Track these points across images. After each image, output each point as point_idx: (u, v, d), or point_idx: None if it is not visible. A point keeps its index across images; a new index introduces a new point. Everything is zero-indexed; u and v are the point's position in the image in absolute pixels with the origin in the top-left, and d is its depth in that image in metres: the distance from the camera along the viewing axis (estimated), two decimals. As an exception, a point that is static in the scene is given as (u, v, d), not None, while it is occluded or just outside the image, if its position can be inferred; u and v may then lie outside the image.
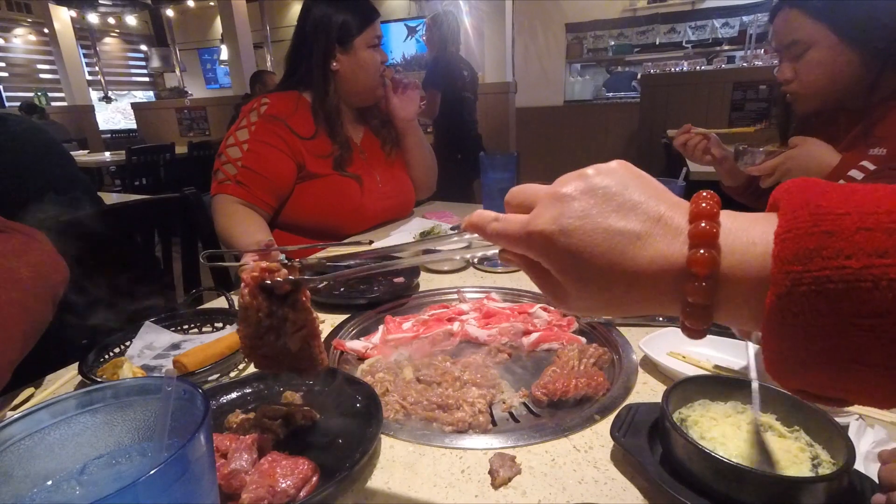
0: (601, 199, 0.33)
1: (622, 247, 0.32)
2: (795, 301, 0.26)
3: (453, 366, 0.70)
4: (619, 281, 0.32)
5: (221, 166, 1.30)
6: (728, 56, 5.58)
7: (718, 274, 0.29)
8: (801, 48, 1.04)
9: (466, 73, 3.38)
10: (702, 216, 0.30)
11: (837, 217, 0.26)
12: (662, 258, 0.31)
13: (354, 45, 1.36)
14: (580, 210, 0.33)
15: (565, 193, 0.34)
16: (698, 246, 0.30)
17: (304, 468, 0.48)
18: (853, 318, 0.25)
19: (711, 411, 0.53)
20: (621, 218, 0.32)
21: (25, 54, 8.14)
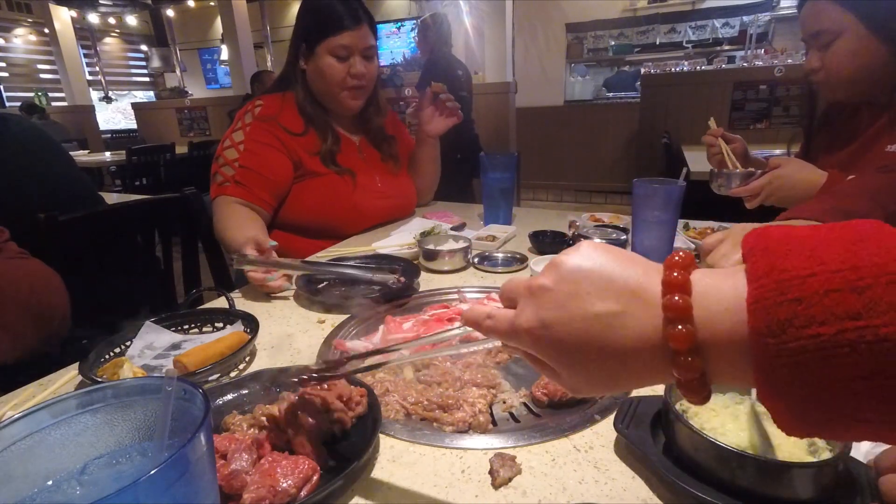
0: (574, 284, 0.33)
1: (603, 330, 0.32)
2: (778, 372, 0.26)
3: (453, 366, 0.70)
4: (605, 362, 0.32)
5: (219, 169, 1.30)
6: (728, 56, 5.57)
7: (699, 345, 0.29)
8: (829, 37, 1.02)
9: (461, 71, 3.39)
10: (674, 288, 0.30)
11: (803, 281, 0.25)
12: (644, 336, 0.31)
13: (317, 50, 1.35)
14: (556, 301, 0.33)
15: (541, 286, 0.35)
16: (674, 322, 0.29)
17: (305, 468, 0.48)
18: (838, 382, 0.24)
19: (711, 402, 0.54)
20: (597, 300, 0.32)
21: (26, 54, 8.14)
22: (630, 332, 0.31)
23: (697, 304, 0.29)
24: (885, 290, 0.24)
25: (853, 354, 0.24)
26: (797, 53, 4.02)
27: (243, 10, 5.86)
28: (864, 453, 0.49)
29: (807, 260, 0.26)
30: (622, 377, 0.33)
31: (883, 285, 0.24)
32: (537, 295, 0.35)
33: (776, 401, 0.27)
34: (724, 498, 0.43)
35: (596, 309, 0.32)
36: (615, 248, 0.35)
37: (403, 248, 1.20)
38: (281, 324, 0.90)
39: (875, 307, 0.24)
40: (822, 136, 1.26)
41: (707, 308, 0.29)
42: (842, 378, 0.24)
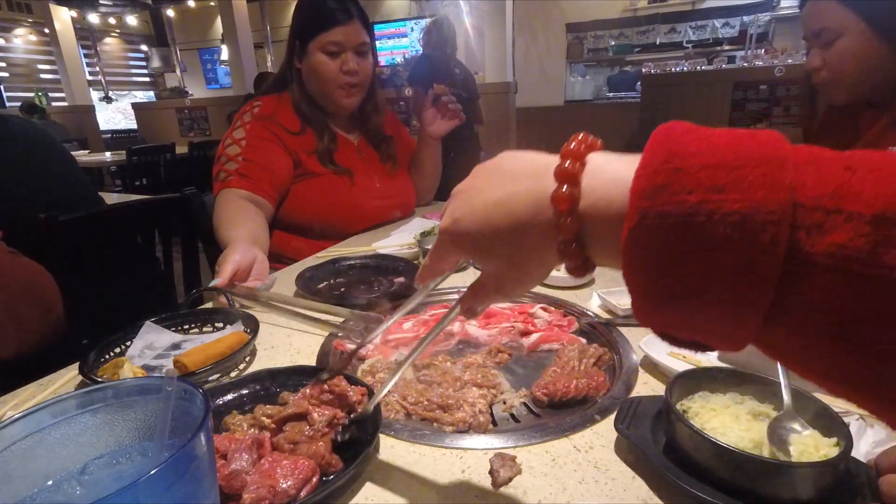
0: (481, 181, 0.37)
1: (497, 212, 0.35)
2: (643, 234, 0.27)
3: (453, 366, 0.70)
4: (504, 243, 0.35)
5: (222, 167, 1.30)
6: (728, 56, 5.58)
7: (581, 210, 0.31)
8: (831, 36, 1.02)
9: (458, 70, 3.39)
10: (567, 156, 0.32)
11: (689, 155, 0.27)
12: (534, 201, 0.33)
13: (309, 48, 1.34)
14: (464, 198, 0.38)
15: (453, 193, 0.39)
16: (560, 183, 0.31)
17: (305, 468, 0.48)
18: (689, 251, 0.26)
19: (711, 402, 0.54)
20: (498, 189, 0.36)
21: (26, 54, 8.15)
22: (522, 200, 0.34)
23: (588, 173, 0.31)
24: (750, 172, 0.25)
25: (707, 224, 0.25)
26: (797, 53, 4.02)
27: (243, 10, 5.86)
28: (864, 453, 0.49)
29: (699, 143, 0.27)
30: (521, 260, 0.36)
31: (751, 167, 0.25)
32: (454, 196, 0.39)
33: (634, 273, 0.28)
34: (724, 498, 0.43)
35: (494, 196, 0.35)
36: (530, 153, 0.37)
37: (403, 248, 1.20)
38: (281, 324, 0.90)
39: (738, 184, 0.25)
40: (823, 137, 1.26)
41: (596, 178, 0.31)
42: (691, 247, 0.26)
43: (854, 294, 0.23)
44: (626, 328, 0.81)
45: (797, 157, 0.26)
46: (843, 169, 0.25)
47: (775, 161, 0.25)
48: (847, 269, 0.23)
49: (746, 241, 0.25)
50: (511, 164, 0.37)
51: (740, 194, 0.25)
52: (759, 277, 0.25)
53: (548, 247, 0.33)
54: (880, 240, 0.23)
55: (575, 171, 0.31)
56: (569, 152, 0.32)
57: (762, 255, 0.24)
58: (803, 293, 0.24)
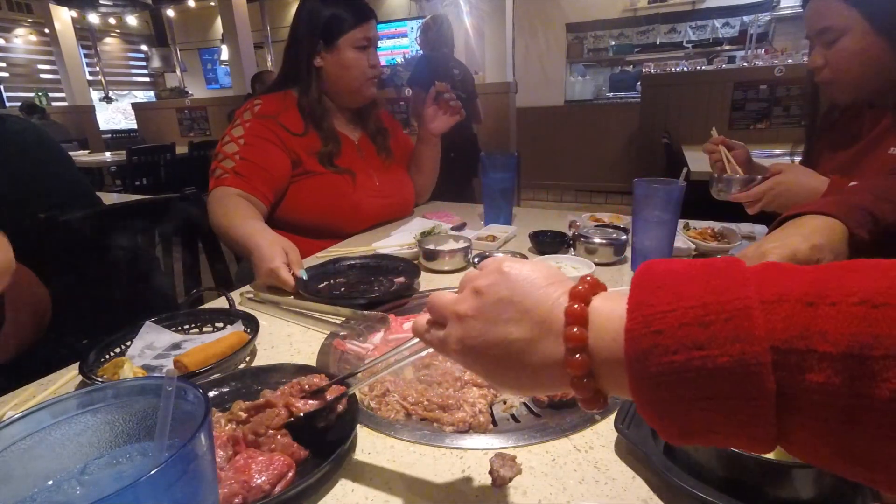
0: (494, 312, 0.38)
1: (517, 353, 0.37)
2: (644, 392, 0.30)
3: (454, 366, 0.70)
4: (520, 377, 0.38)
5: (219, 164, 1.30)
6: (728, 56, 5.57)
7: (593, 370, 0.34)
8: (834, 35, 1.01)
9: (457, 71, 3.38)
10: (573, 320, 0.35)
11: (664, 315, 0.30)
12: (551, 360, 0.36)
13: (339, 45, 1.36)
14: (477, 329, 0.39)
15: (463, 314, 0.40)
16: (573, 351, 0.34)
17: (280, 464, 0.48)
18: (690, 401, 0.29)
19: None
20: (514, 328, 0.37)
21: (26, 54, 8.14)
22: (539, 357, 0.36)
23: (593, 334, 0.34)
24: (722, 327, 0.28)
25: (698, 379, 0.28)
26: (797, 53, 4.02)
27: (243, 10, 5.86)
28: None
29: (670, 296, 0.30)
30: (536, 387, 0.39)
31: (722, 322, 0.28)
32: (463, 321, 0.40)
33: (649, 413, 0.31)
34: (724, 498, 0.43)
35: (512, 336, 0.37)
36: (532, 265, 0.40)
37: (403, 248, 1.20)
38: (281, 324, 0.90)
39: (714, 340, 0.28)
40: (825, 137, 1.26)
41: (600, 338, 0.34)
42: (692, 397, 0.29)
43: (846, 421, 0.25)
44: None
45: (762, 294, 0.28)
46: (804, 306, 0.27)
47: (742, 311, 0.28)
48: (833, 404, 0.25)
49: (737, 390, 0.27)
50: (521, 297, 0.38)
51: (719, 349, 0.27)
52: (756, 414, 0.27)
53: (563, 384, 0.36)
54: (855, 375, 0.25)
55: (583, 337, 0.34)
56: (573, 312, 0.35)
57: (754, 400, 0.27)
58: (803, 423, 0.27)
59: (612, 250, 1.12)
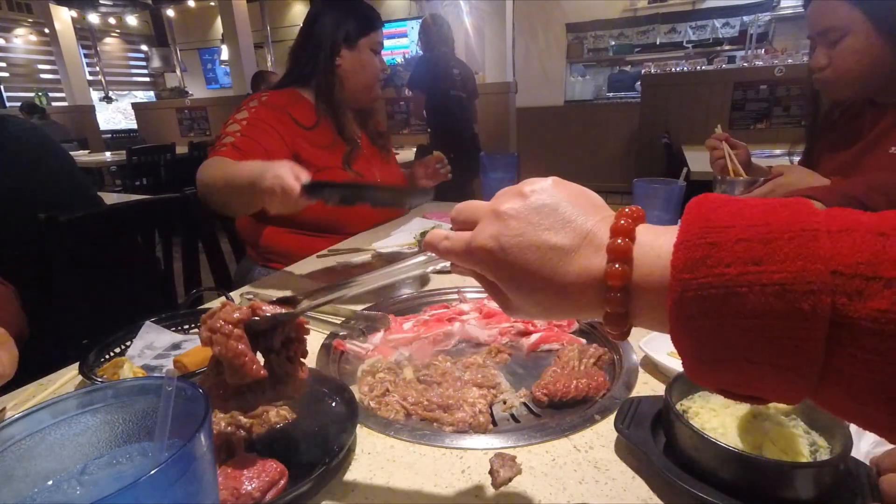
0: (536, 217, 0.37)
1: (553, 262, 0.35)
2: (686, 305, 0.29)
3: (454, 366, 0.70)
4: (550, 290, 0.36)
5: (219, 142, 1.25)
6: (728, 56, 5.58)
7: (631, 285, 0.33)
8: (837, 35, 1.01)
9: (457, 70, 3.38)
10: (619, 233, 0.34)
11: (722, 230, 0.29)
12: (587, 272, 0.34)
13: (359, 45, 1.43)
14: (517, 229, 0.37)
15: (503, 212, 0.38)
16: (614, 261, 0.33)
17: (272, 471, 0.47)
18: (734, 319, 0.27)
19: (711, 402, 0.54)
20: (553, 234, 0.36)
21: (26, 54, 8.15)
22: (575, 268, 0.35)
23: (638, 247, 0.33)
24: (784, 245, 0.27)
25: (749, 294, 0.27)
26: (798, 53, 4.02)
27: (243, 10, 5.86)
28: (864, 453, 0.49)
29: (731, 216, 0.29)
30: (559, 307, 0.37)
31: (784, 240, 0.27)
32: (502, 219, 0.37)
33: (683, 337, 0.30)
34: (724, 498, 0.43)
35: (552, 241, 0.36)
36: (579, 188, 0.39)
37: (404, 248, 1.20)
38: (281, 324, 0.90)
39: (774, 256, 0.27)
40: (825, 136, 1.26)
41: (644, 255, 0.33)
42: (738, 314, 0.27)
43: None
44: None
45: (830, 225, 0.27)
46: (876, 235, 0.26)
47: (808, 232, 0.27)
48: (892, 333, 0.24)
49: (789, 309, 0.26)
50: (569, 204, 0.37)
51: (778, 265, 0.26)
52: (805, 343, 0.26)
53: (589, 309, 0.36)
54: None
55: (628, 248, 0.33)
56: (619, 228, 0.34)
57: (806, 322, 0.26)
58: (854, 355, 0.25)
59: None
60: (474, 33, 5.27)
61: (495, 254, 0.37)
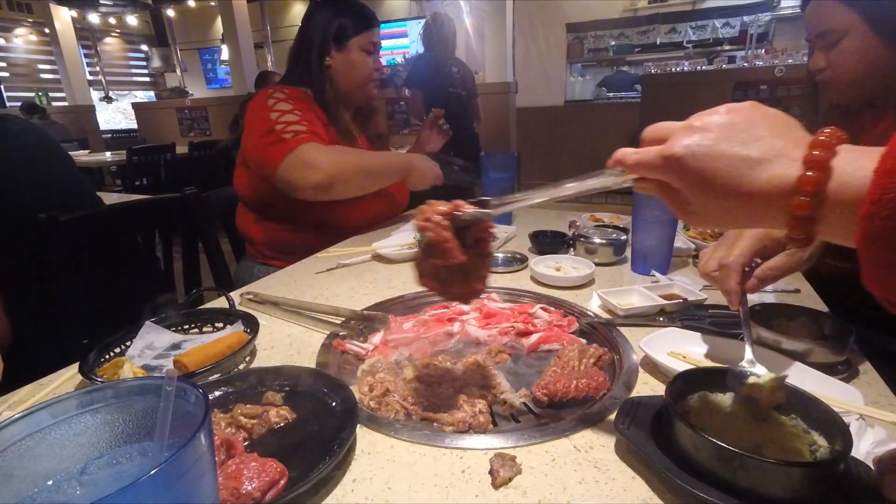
0: (729, 131, 0.40)
1: (742, 170, 0.38)
2: (885, 206, 0.31)
3: (454, 366, 0.70)
4: (736, 197, 0.39)
5: (285, 129, 1.28)
6: (729, 56, 5.58)
7: (823, 192, 0.35)
8: (835, 37, 1.01)
9: (456, 69, 3.38)
10: (818, 146, 0.36)
11: None
12: (777, 179, 0.37)
13: (349, 45, 1.43)
14: (710, 139, 0.40)
15: (698, 126, 0.41)
16: (810, 169, 0.36)
17: (272, 471, 0.47)
18: None
19: (711, 402, 0.54)
20: (743, 147, 0.39)
21: (26, 54, 8.15)
22: (763, 177, 0.38)
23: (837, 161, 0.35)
24: None
25: None
26: (798, 53, 4.02)
27: (243, 10, 5.86)
28: (864, 453, 0.49)
29: None
30: (742, 213, 0.40)
31: None
32: (695, 131, 0.41)
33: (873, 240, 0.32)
34: (724, 498, 0.43)
35: (742, 153, 0.38)
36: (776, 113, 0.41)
37: (404, 249, 1.20)
38: (281, 324, 0.90)
39: None
40: None
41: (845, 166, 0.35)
42: None
43: None
44: (626, 328, 0.81)
45: None
46: None
47: None
48: None
49: None
50: (762, 124, 0.39)
51: None
52: None
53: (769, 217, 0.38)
54: None
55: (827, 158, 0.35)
56: (818, 143, 0.36)
57: None
58: None
59: (612, 250, 1.12)
60: (474, 33, 5.27)
61: (686, 160, 0.40)
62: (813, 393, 0.51)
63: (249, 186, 1.40)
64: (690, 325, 0.79)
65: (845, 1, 0.98)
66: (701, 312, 0.85)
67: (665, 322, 0.82)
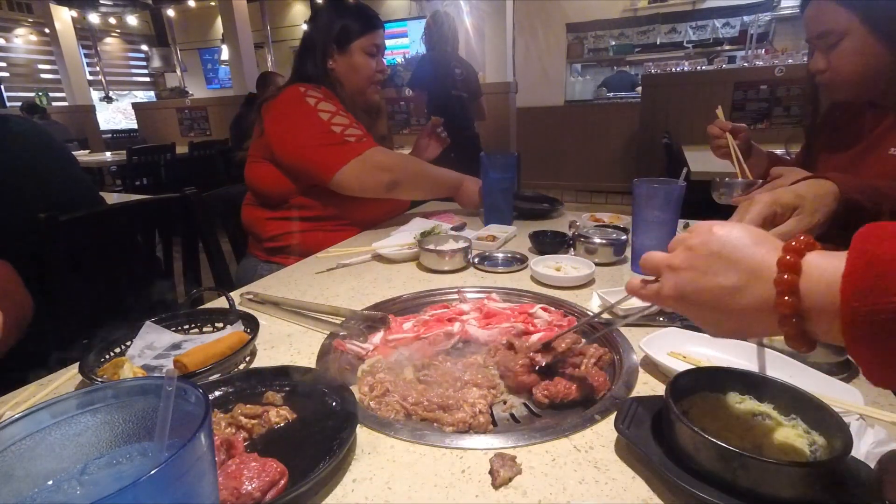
0: (704, 264, 0.44)
1: (727, 299, 0.43)
2: (858, 327, 0.34)
3: (454, 366, 0.70)
4: (731, 320, 0.44)
5: (344, 133, 1.33)
6: (729, 56, 5.58)
7: (803, 312, 0.39)
8: (834, 38, 1.01)
9: (459, 70, 3.37)
10: (785, 268, 0.39)
11: (888, 262, 0.34)
12: (759, 303, 0.41)
13: (351, 48, 1.44)
14: (690, 279, 0.45)
15: (678, 266, 0.46)
16: (782, 293, 0.39)
17: (272, 471, 0.47)
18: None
19: (711, 402, 0.54)
20: (723, 277, 0.43)
21: (26, 54, 8.15)
22: (748, 301, 0.42)
23: (805, 281, 0.38)
24: None
25: None
26: (798, 53, 4.02)
27: (244, 10, 5.86)
28: (864, 453, 0.49)
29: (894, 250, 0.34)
30: (743, 329, 0.45)
31: None
32: (677, 272, 0.46)
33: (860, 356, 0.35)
34: (724, 498, 0.43)
35: (722, 283, 0.43)
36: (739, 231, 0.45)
37: (404, 249, 1.20)
38: (281, 324, 0.90)
39: None
40: (824, 137, 1.26)
41: (813, 285, 0.38)
42: None
43: None
44: (626, 328, 0.81)
45: None
46: None
47: None
48: None
49: None
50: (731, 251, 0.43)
51: None
52: None
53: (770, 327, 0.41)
54: None
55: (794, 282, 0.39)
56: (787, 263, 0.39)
57: None
58: None
59: (612, 250, 1.12)
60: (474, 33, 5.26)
61: (678, 301, 0.47)
62: (813, 393, 0.51)
63: (272, 181, 1.40)
64: (690, 325, 0.79)
65: (844, 2, 0.98)
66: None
67: (665, 322, 0.82)
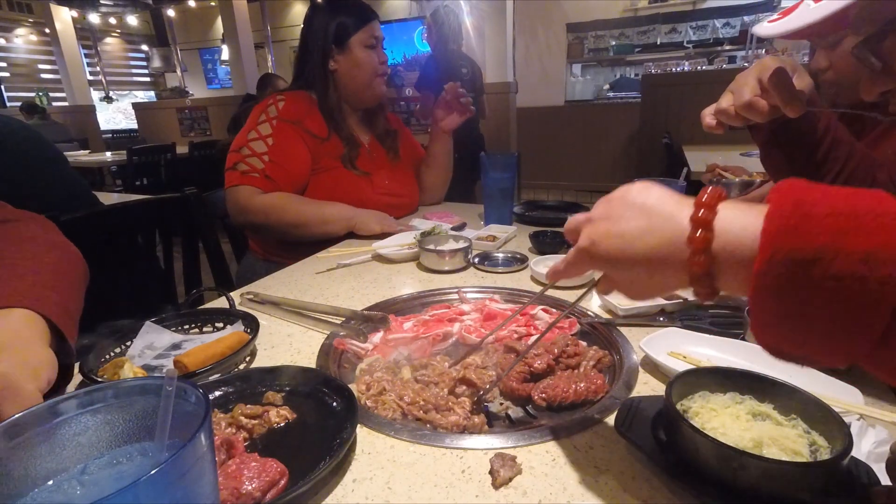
0: (617, 211, 0.45)
1: (635, 242, 0.43)
2: (776, 265, 0.33)
3: (452, 367, 0.70)
4: (639, 266, 0.43)
5: (244, 159, 1.33)
6: (729, 56, 5.58)
7: (714, 250, 0.38)
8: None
9: (465, 70, 3.35)
10: (701, 206, 0.39)
11: (813, 204, 0.34)
12: (669, 242, 0.41)
13: (350, 45, 1.42)
14: (602, 225, 0.45)
15: (595, 215, 0.46)
16: (696, 228, 0.39)
17: (273, 471, 0.47)
18: (818, 280, 0.32)
19: (711, 402, 0.54)
20: (633, 221, 0.43)
21: (27, 54, 8.15)
22: (655, 240, 0.42)
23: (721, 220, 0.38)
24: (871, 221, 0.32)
25: (835, 260, 0.31)
26: (798, 53, 4.01)
27: (244, 10, 5.86)
28: (864, 453, 0.49)
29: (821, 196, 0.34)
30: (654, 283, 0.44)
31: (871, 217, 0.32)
32: (592, 222, 0.47)
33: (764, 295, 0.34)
34: (724, 498, 0.43)
35: (630, 226, 0.43)
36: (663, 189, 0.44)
37: (404, 248, 1.20)
38: (281, 324, 0.90)
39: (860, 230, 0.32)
40: None
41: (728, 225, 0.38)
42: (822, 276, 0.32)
43: None
44: (626, 328, 0.81)
45: None
46: None
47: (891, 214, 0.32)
48: None
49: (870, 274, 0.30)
50: (645, 199, 0.43)
51: (864, 237, 0.31)
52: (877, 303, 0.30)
53: (678, 276, 0.41)
54: None
55: (710, 218, 0.39)
56: (702, 203, 0.39)
57: (883, 286, 0.30)
58: None
59: (613, 250, 1.12)
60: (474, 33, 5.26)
61: (590, 248, 0.46)
62: (813, 393, 0.51)
63: None
64: (690, 325, 0.79)
65: None
66: (701, 312, 0.85)
67: (665, 322, 0.82)
